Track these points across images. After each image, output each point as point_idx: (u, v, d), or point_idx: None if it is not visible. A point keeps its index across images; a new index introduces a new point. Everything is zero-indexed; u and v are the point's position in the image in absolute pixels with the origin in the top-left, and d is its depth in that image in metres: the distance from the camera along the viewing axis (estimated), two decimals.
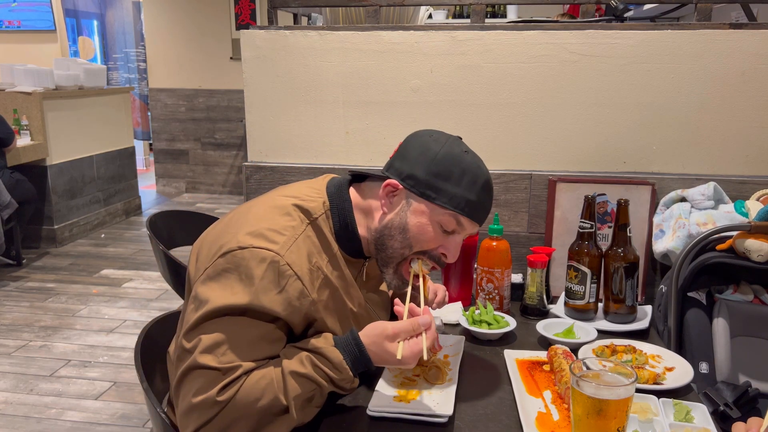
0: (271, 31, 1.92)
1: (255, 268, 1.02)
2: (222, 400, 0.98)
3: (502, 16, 5.15)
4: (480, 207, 1.14)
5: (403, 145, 1.17)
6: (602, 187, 1.74)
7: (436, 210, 1.12)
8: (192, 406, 0.99)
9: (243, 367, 1.00)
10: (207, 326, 1.01)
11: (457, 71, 1.84)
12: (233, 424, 1.00)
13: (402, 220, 1.13)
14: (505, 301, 1.56)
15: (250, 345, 1.02)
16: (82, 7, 6.96)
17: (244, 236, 1.05)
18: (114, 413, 2.60)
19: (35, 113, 4.60)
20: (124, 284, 4.07)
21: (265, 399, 0.99)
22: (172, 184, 6.87)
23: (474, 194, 1.12)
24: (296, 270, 1.04)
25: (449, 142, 1.13)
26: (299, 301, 1.05)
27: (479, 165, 1.14)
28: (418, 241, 1.13)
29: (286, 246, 1.05)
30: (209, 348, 0.99)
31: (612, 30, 1.75)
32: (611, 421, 0.89)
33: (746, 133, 1.76)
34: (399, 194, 1.13)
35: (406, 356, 1.04)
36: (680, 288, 1.50)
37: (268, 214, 1.11)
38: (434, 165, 1.10)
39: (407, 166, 1.13)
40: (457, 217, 1.12)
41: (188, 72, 6.53)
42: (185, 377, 1.01)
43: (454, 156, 1.11)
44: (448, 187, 1.10)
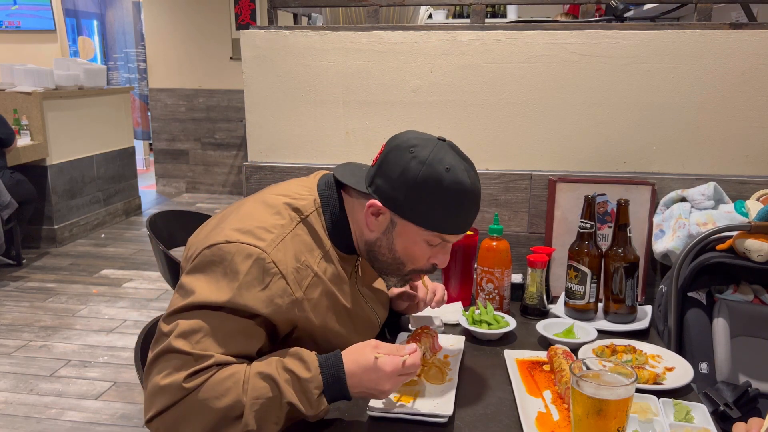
0: (271, 31, 1.92)
1: (240, 263, 1.02)
2: (188, 387, 0.97)
3: (502, 16, 5.15)
4: (465, 221, 1.14)
5: (385, 158, 1.12)
6: (602, 187, 1.74)
7: (420, 232, 1.12)
8: (159, 388, 0.98)
9: (215, 357, 0.99)
10: (187, 314, 1.01)
11: (457, 71, 1.84)
12: (192, 417, 0.98)
13: (389, 242, 1.14)
14: (505, 301, 1.56)
15: (226, 337, 1.02)
16: (82, 7, 6.96)
17: (231, 231, 1.06)
18: (114, 413, 2.60)
19: (35, 113, 4.60)
20: (124, 284, 4.07)
21: (227, 398, 0.97)
22: (172, 184, 6.87)
23: (457, 212, 1.11)
24: (281, 268, 1.05)
25: (429, 160, 1.08)
26: (282, 299, 1.04)
27: (462, 181, 1.09)
28: (408, 259, 1.15)
29: (273, 244, 1.06)
30: (185, 334, 1.00)
31: (612, 30, 1.75)
32: (611, 421, 0.89)
33: (746, 133, 1.76)
34: (383, 214, 1.13)
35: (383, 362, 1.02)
36: (680, 288, 1.50)
37: (257, 212, 1.11)
38: (415, 190, 1.08)
39: (389, 187, 1.10)
40: (443, 236, 1.13)
41: (188, 72, 6.53)
42: (157, 359, 1.01)
43: (436, 178, 1.07)
44: (430, 210, 1.09)
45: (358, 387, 1.03)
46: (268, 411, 0.99)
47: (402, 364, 1.03)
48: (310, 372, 1.01)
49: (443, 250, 1.17)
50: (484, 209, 1.86)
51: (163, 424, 0.99)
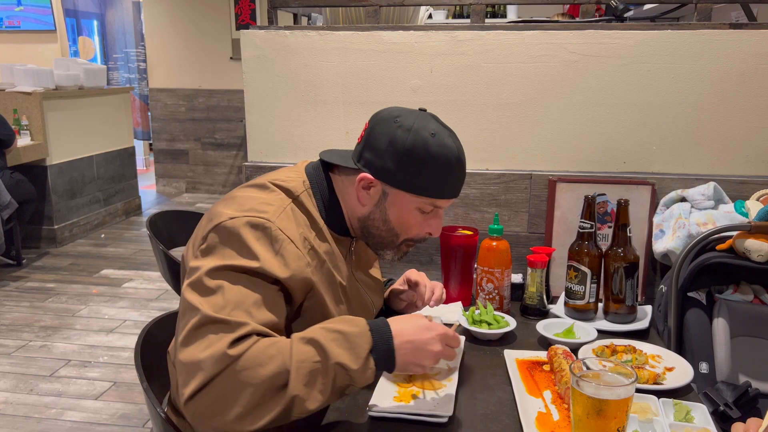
0: (271, 31, 1.92)
1: (247, 234, 1.03)
2: (233, 354, 0.92)
3: (502, 16, 5.14)
4: (454, 185, 1.17)
5: (371, 132, 1.16)
6: (602, 187, 1.74)
7: (412, 199, 1.15)
8: (197, 361, 0.92)
9: (251, 325, 0.96)
10: (210, 284, 0.99)
11: (457, 71, 1.84)
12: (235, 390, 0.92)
13: (383, 213, 1.17)
14: (505, 301, 1.56)
15: (254, 305, 0.99)
16: (82, 7, 6.96)
17: (233, 212, 1.07)
18: (114, 413, 2.60)
19: (35, 113, 4.60)
20: (124, 284, 4.07)
21: (272, 365, 0.93)
22: (172, 184, 6.87)
23: (446, 176, 1.14)
24: (288, 234, 1.06)
25: (415, 127, 1.11)
26: (296, 263, 1.05)
27: (448, 145, 1.13)
28: (402, 229, 1.18)
29: (276, 213, 1.08)
30: (216, 305, 0.97)
31: (612, 30, 1.75)
32: (611, 421, 0.89)
33: (746, 133, 1.76)
34: (375, 186, 1.15)
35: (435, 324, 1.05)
36: (680, 288, 1.50)
37: (252, 194, 1.13)
38: (404, 157, 1.11)
39: (378, 158, 1.13)
40: (434, 202, 1.16)
41: (188, 72, 6.53)
42: (195, 333, 0.96)
43: (422, 143, 1.11)
44: (421, 176, 1.12)
45: (405, 348, 1.02)
46: (314, 376, 0.95)
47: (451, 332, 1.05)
48: (358, 327, 1.00)
49: (436, 218, 1.20)
50: (484, 209, 1.86)
51: (206, 399, 0.92)
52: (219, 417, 0.92)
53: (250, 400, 0.92)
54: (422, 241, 1.23)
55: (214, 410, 0.92)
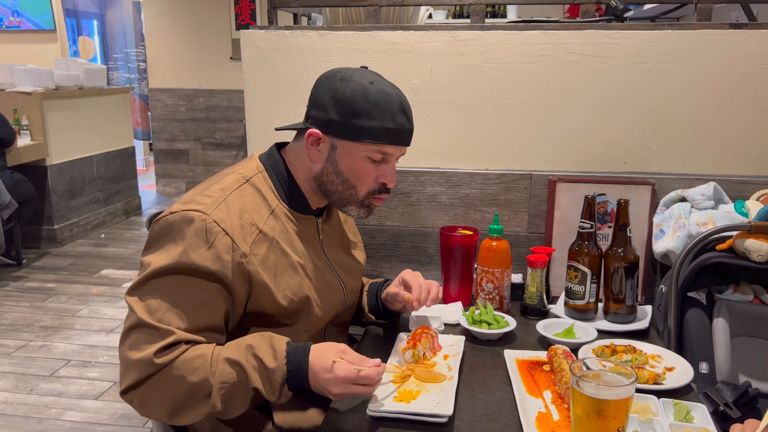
0: (271, 31, 1.92)
1: (185, 228, 1.08)
2: (158, 362, 1.02)
3: (502, 16, 5.14)
4: (400, 131, 1.18)
5: (314, 92, 1.21)
6: (602, 187, 1.74)
7: (360, 147, 1.17)
8: (132, 362, 1.04)
9: (176, 334, 1.04)
10: (148, 286, 1.07)
11: (457, 71, 1.84)
12: (163, 393, 1.04)
13: (334, 166, 1.19)
14: (505, 301, 1.56)
15: (187, 309, 1.06)
16: (82, 7, 6.96)
17: (175, 205, 1.13)
18: (114, 413, 2.60)
19: (35, 113, 4.60)
20: (124, 284, 4.07)
21: (195, 376, 1.03)
22: (172, 184, 6.87)
23: (390, 122, 1.16)
24: (224, 226, 1.09)
25: (354, 77, 1.16)
26: (229, 255, 1.09)
27: (387, 92, 1.16)
28: (356, 179, 1.20)
29: (213, 206, 1.11)
30: (149, 308, 1.05)
31: (612, 30, 1.75)
32: (611, 421, 0.89)
33: (746, 133, 1.76)
34: (323, 141, 1.19)
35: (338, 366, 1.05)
36: (680, 288, 1.50)
37: (200, 187, 1.19)
38: (346, 105, 1.15)
39: (322, 112, 1.17)
40: (381, 149, 1.17)
41: (188, 72, 6.52)
42: (128, 334, 1.06)
43: (362, 90, 1.15)
44: (363, 122, 1.15)
45: (314, 382, 1.07)
46: (235, 394, 1.05)
47: (356, 373, 1.05)
48: (276, 362, 1.06)
49: (388, 167, 1.22)
50: (484, 209, 1.86)
51: (137, 395, 1.05)
52: (150, 410, 1.06)
53: (174, 404, 1.05)
54: (384, 192, 1.24)
55: (145, 405, 1.06)
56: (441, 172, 1.86)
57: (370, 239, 1.92)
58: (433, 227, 1.89)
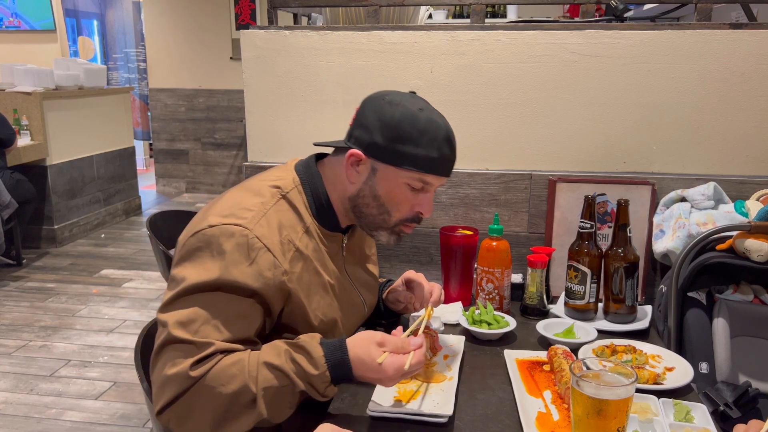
0: (271, 31, 1.92)
1: (225, 243, 1.04)
2: (194, 375, 0.98)
3: (502, 16, 5.14)
4: (443, 161, 1.16)
5: (360, 112, 1.18)
6: (602, 187, 1.74)
7: (401, 173, 1.14)
8: (166, 378, 0.99)
9: (216, 345, 1.00)
10: (183, 302, 1.03)
11: (457, 71, 1.84)
12: (202, 406, 0.99)
13: (372, 189, 1.16)
14: (505, 301, 1.56)
15: (225, 322, 1.03)
16: (82, 7, 6.96)
17: (213, 217, 1.08)
18: (114, 413, 2.60)
19: (35, 113, 4.60)
20: (124, 284, 4.07)
21: (234, 384, 0.99)
22: (172, 184, 6.87)
23: (435, 151, 1.14)
24: (266, 242, 1.06)
25: (403, 102, 1.14)
26: (271, 272, 1.06)
27: (436, 120, 1.14)
28: (392, 205, 1.17)
29: (254, 220, 1.08)
30: (184, 323, 1.01)
31: (612, 30, 1.75)
32: (611, 421, 0.89)
33: (746, 133, 1.76)
34: (364, 163, 1.16)
35: (386, 364, 1.03)
36: (680, 288, 1.50)
37: (237, 197, 1.14)
38: (392, 129, 1.12)
39: (366, 134, 1.15)
40: (423, 177, 1.15)
41: (188, 72, 6.52)
42: (161, 351, 1.02)
43: (410, 116, 1.12)
44: (408, 149, 1.12)
45: (361, 377, 1.06)
46: (282, 399, 1.02)
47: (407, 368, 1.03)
48: (318, 370, 1.03)
49: (426, 197, 1.19)
50: (484, 209, 1.86)
51: (174, 413, 1.00)
52: (189, 427, 1.00)
53: (215, 416, 0.99)
54: (416, 221, 1.22)
55: (184, 422, 1.00)
56: None
57: None
58: (433, 227, 1.89)
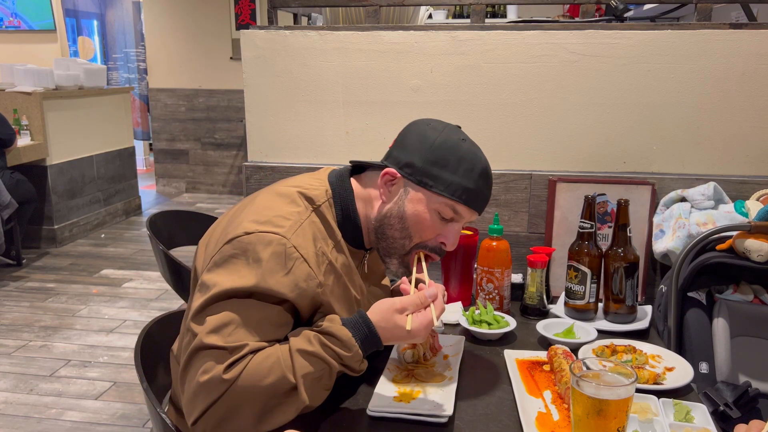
0: (271, 31, 1.92)
1: (261, 251, 1.02)
2: (228, 378, 0.96)
3: (502, 16, 5.14)
4: (478, 194, 1.15)
5: (402, 134, 1.18)
6: (602, 187, 1.74)
7: (433, 198, 1.13)
8: (199, 386, 0.97)
9: (250, 345, 0.99)
10: (214, 308, 1.01)
11: (457, 71, 1.84)
12: (241, 406, 0.97)
13: (400, 209, 1.14)
14: (505, 301, 1.56)
15: (256, 326, 1.01)
16: (82, 7, 6.97)
17: (250, 223, 1.06)
18: (114, 413, 2.60)
19: (35, 113, 4.60)
20: (124, 284, 4.07)
21: (271, 377, 0.97)
22: (172, 184, 6.87)
23: (471, 182, 1.13)
24: (303, 253, 1.05)
25: (447, 130, 1.15)
26: (306, 283, 1.05)
27: (476, 153, 1.15)
28: (417, 229, 1.15)
29: (292, 230, 1.06)
30: (216, 328, 0.99)
31: (612, 30, 1.75)
32: (611, 421, 0.89)
33: (746, 133, 1.76)
34: (397, 183, 1.15)
35: (416, 328, 1.04)
36: (680, 288, 1.50)
37: (272, 203, 1.12)
38: (431, 153, 1.12)
39: (405, 154, 1.14)
40: (455, 206, 1.13)
41: (188, 72, 6.53)
42: (192, 358, 0.99)
43: (452, 144, 1.12)
44: (445, 174, 1.11)
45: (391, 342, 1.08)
46: (320, 383, 1.02)
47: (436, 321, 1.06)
48: (350, 351, 1.03)
49: (453, 228, 1.16)
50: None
51: (211, 420, 0.97)
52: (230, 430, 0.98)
53: (255, 412, 0.97)
54: (437, 252, 1.19)
55: (223, 426, 0.97)
56: None
57: None
58: None
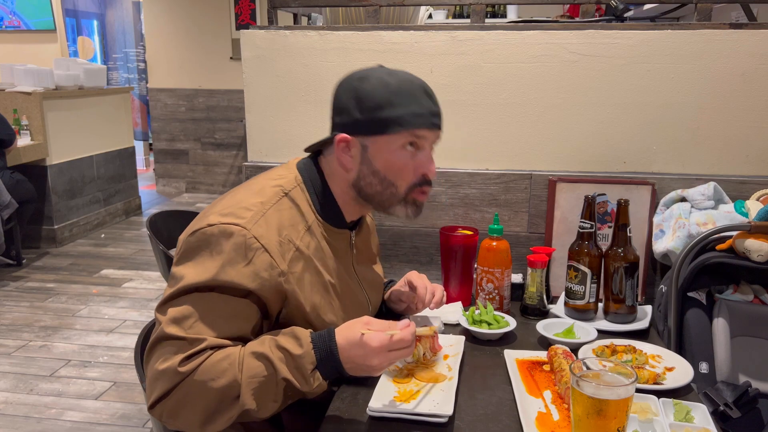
0: (271, 31, 1.92)
1: (223, 243, 1.05)
2: (183, 371, 0.99)
3: (502, 16, 5.14)
4: (428, 113, 1.15)
5: (335, 99, 1.18)
6: (602, 187, 1.74)
7: (392, 139, 1.13)
8: (158, 373, 1.00)
9: (208, 341, 1.01)
10: (179, 300, 1.04)
11: (457, 71, 1.84)
12: (193, 401, 1.00)
13: (369, 166, 1.15)
14: (505, 301, 1.56)
15: (219, 320, 1.03)
16: (82, 7, 6.97)
17: (214, 216, 1.09)
18: (114, 413, 2.60)
19: (35, 113, 4.60)
20: (124, 284, 4.07)
21: (224, 378, 0.99)
22: (172, 184, 6.87)
23: (417, 105, 1.13)
24: (263, 243, 1.06)
25: (372, 74, 1.14)
26: (268, 273, 1.06)
27: (407, 78, 1.14)
28: (394, 175, 1.15)
29: (253, 220, 1.07)
30: (177, 320, 1.02)
31: (612, 30, 1.75)
32: (611, 421, 0.89)
33: (746, 133, 1.76)
34: (353, 145, 1.15)
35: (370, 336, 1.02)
36: (680, 288, 1.50)
37: (240, 196, 1.14)
38: (368, 101, 1.12)
39: (345, 116, 1.15)
40: (415, 133, 1.14)
41: (188, 72, 6.52)
42: (154, 347, 1.03)
43: (382, 83, 1.12)
44: (390, 113, 1.11)
45: (349, 362, 1.04)
46: (265, 389, 1.01)
47: (389, 339, 1.03)
48: (303, 348, 1.03)
49: (424, 155, 1.17)
50: (484, 209, 1.86)
51: (165, 408, 1.01)
52: (180, 422, 1.02)
53: (205, 410, 1.00)
54: (426, 184, 1.19)
55: (175, 417, 1.01)
56: (441, 172, 1.86)
57: None
58: (433, 227, 1.89)
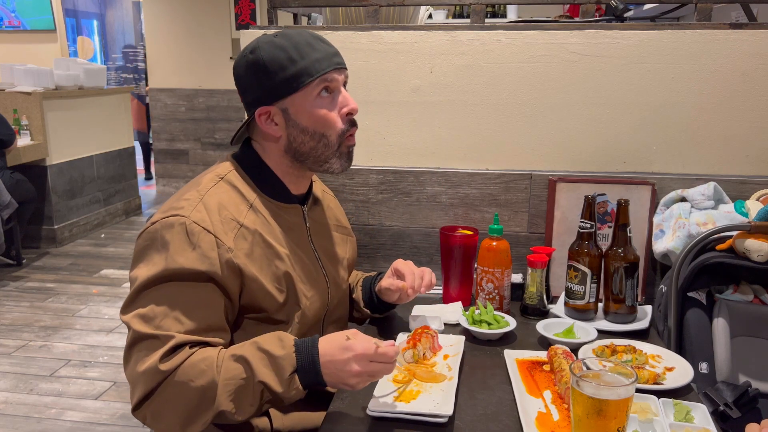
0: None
1: (167, 235, 1.07)
2: (164, 369, 1.00)
3: (502, 16, 5.14)
4: (327, 55, 1.18)
5: (236, 82, 1.21)
6: (602, 187, 1.74)
7: (306, 92, 1.16)
8: (138, 374, 1.02)
9: (176, 338, 1.02)
10: (139, 300, 1.05)
11: (457, 71, 1.84)
12: (173, 401, 1.01)
13: (296, 126, 1.18)
14: (505, 301, 1.56)
15: (184, 311, 1.05)
16: (82, 7, 6.97)
17: (156, 215, 1.12)
18: (114, 413, 2.60)
19: (35, 113, 4.60)
20: (124, 284, 4.07)
21: (202, 380, 1.00)
22: (172, 184, 6.87)
23: (314, 52, 1.16)
24: (204, 225, 1.09)
25: (260, 44, 1.16)
26: (215, 252, 1.08)
27: (294, 32, 1.18)
28: (321, 126, 1.18)
29: (190, 207, 1.11)
30: (145, 317, 1.04)
31: (612, 30, 1.75)
32: (611, 421, 0.89)
33: (746, 133, 1.76)
34: (273, 113, 1.18)
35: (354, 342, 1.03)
36: (680, 288, 1.50)
37: (178, 193, 1.18)
38: (271, 66, 1.14)
39: (253, 90, 1.17)
40: (324, 78, 1.17)
41: (188, 72, 6.53)
42: (130, 351, 1.04)
43: (273, 45, 1.15)
44: (292, 70, 1.14)
45: (329, 368, 1.03)
46: (242, 391, 1.02)
47: (374, 348, 1.03)
48: (284, 350, 1.04)
49: (342, 96, 1.21)
50: (484, 209, 1.86)
51: (148, 409, 1.03)
52: (163, 424, 1.03)
53: (185, 411, 1.01)
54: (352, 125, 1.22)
55: (158, 418, 1.03)
56: (441, 172, 1.86)
57: (370, 239, 1.92)
58: (433, 227, 1.89)
